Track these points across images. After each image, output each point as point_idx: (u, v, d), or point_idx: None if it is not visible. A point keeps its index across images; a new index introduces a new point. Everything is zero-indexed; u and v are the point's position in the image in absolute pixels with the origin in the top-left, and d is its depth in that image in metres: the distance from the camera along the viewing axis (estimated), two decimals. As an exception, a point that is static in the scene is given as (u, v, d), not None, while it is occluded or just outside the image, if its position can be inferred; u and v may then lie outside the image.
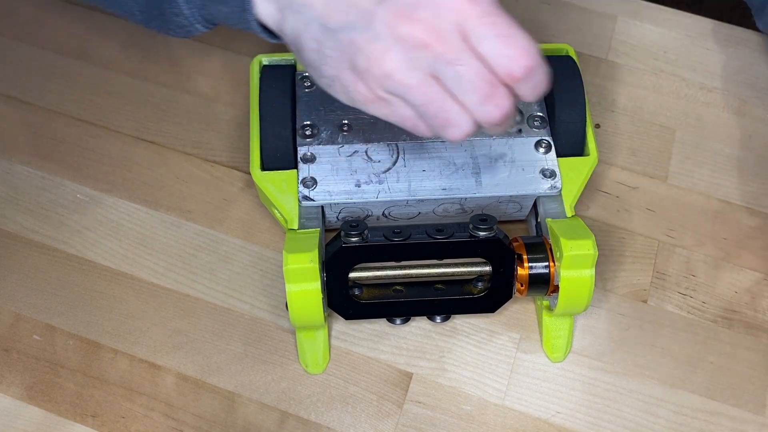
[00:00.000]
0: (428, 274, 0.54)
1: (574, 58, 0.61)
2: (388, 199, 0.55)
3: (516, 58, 0.43)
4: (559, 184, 0.56)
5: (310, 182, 0.55)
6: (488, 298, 0.54)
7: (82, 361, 0.57)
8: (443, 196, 0.55)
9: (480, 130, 0.47)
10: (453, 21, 0.42)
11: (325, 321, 0.53)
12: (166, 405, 0.55)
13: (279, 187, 0.56)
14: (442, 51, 0.42)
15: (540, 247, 0.53)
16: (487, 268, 0.53)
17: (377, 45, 0.43)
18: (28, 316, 0.58)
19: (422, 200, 0.56)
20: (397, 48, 0.43)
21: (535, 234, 0.58)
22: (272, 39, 0.50)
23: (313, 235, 0.53)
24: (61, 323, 0.58)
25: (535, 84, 0.45)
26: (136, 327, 0.58)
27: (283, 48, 0.69)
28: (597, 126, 0.67)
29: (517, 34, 0.43)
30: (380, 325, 0.58)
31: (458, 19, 0.42)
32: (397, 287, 0.55)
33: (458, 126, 0.45)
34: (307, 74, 0.60)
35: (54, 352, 0.57)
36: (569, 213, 0.56)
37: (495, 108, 0.44)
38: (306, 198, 0.55)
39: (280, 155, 0.57)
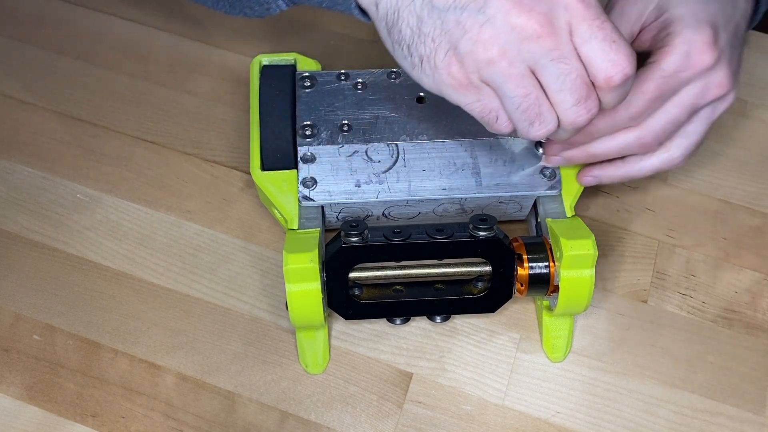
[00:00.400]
0: (428, 274, 0.54)
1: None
2: (388, 199, 0.55)
3: (618, 64, 0.44)
4: (559, 185, 0.56)
5: (310, 182, 0.55)
6: (488, 298, 0.54)
7: (82, 361, 0.57)
8: (443, 196, 0.55)
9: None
10: (565, 19, 0.43)
11: (325, 321, 0.53)
12: (166, 405, 0.55)
13: (279, 187, 0.56)
14: (552, 46, 0.43)
15: (540, 247, 0.53)
16: (487, 268, 0.53)
17: (488, 30, 0.43)
18: (28, 316, 0.58)
19: (422, 200, 0.56)
20: (508, 36, 0.43)
21: (535, 234, 0.58)
22: (363, 17, 0.49)
23: (313, 235, 0.53)
24: (61, 323, 0.58)
25: (623, 93, 0.46)
26: (136, 327, 0.58)
27: (282, 48, 0.70)
28: (597, 126, 0.67)
29: (621, 40, 0.44)
30: (380, 325, 0.58)
31: (570, 18, 0.43)
32: (397, 287, 0.55)
33: (545, 124, 0.46)
34: (306, 74, 0.60)
35: (54, 352, 0.57)
36: (569, 213, 0.56)
37: (586, 112, 0.45)
38: (306, 198, 0.55)
39: (280, 155, 0.57)
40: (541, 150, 0.57)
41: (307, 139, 0.57)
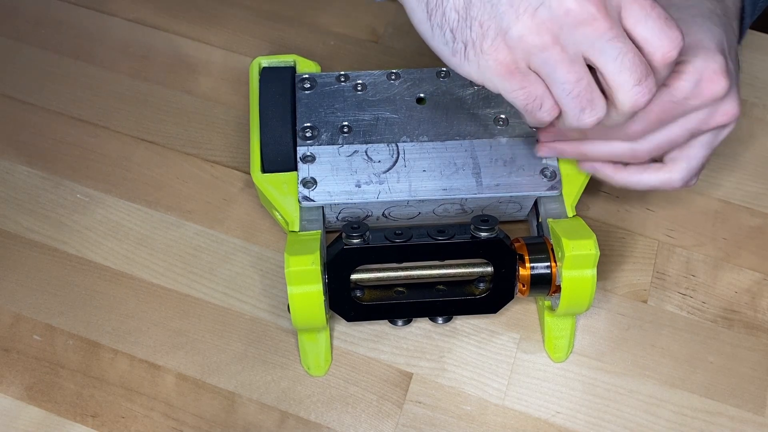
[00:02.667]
0: (430, 275, 0.54)
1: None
2: (389, 199, 0.55)
3: (675, 38, 0.43)
4: (559, 185, 0.56)
5: (310, 182, 0.55)
6: (490, 298, 0.54)
7: (82, 361, 0.57)
8: (444, 197, 0.55)
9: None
10: (616, 2, 0.42)
11: (326, 323, 0.53)
12: (166, 405, 0.55)
13: (280, 189, 0.56)
14: (608, 27, 0.42)
15: (541, 248, 0.53)
16: (489, 269, 0.53)
17: (542, 14, 0.41)
18: (28, 316, 0.58)
19: (423, 200, 0.56)
20: (562, 20, 0.42)
21: (536, 234, 0.58)
22: None
23: (315, 237, 0.53)
24: (61, 323, 0.58)
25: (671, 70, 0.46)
26: (136, 327, 0.58)
27: (282, 48, 0.70)
28: (597, 126, 0.67)
29: (671, 18, 0.43)
30: (380, 325, 0.58)
31: (620, 1, 0.42)
32: (399, 289, 0.55)
33: (597, 110, 0.45)
34: (306, 76, 0.60)
35: (54, 352, 0.57)
36: (570, 213, 0.56)
37: (648, 92, 0.44)
38: (306, 198, 0.55)
39: (281, 158, 0.57)
40: (541, 150, 0.57)
41: (307, 141, 0.57)
